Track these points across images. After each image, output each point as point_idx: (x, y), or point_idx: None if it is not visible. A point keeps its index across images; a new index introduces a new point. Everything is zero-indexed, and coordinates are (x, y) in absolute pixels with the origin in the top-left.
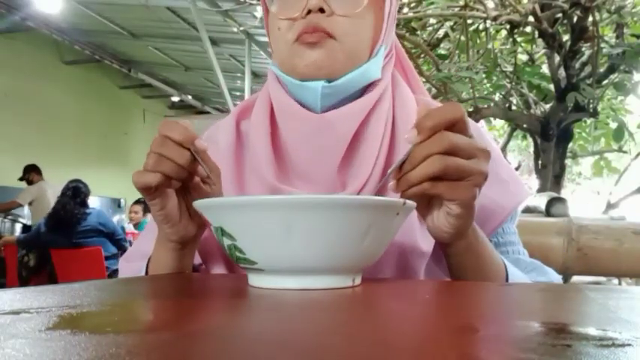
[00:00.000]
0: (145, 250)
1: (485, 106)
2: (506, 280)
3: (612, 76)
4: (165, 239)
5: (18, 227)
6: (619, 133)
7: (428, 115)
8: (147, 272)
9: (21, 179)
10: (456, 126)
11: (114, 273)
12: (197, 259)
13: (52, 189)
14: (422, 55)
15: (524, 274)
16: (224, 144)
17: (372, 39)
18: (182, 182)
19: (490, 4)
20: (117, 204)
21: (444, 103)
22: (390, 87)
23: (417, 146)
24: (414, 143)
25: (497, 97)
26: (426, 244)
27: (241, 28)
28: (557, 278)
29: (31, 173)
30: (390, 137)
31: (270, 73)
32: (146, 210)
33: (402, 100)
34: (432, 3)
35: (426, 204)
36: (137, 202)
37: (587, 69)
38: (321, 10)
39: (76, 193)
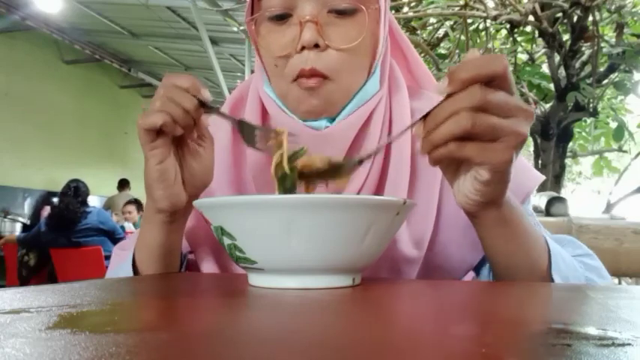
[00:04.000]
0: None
1: None
2: (549, 257)
3: (612, 76)
4: (153, 211)
5: (18, 227)
6: (619, 133)
7: (463, 65)
8: (134, 255)
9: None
10: (495, 81)
11: None
12: (186, 247)
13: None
14: (422, 55)
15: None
16: (221, 141)
17: (370, 60)
18: (184, 130)
19: (490, 4)
20: None
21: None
22: (387, 92)
23: (446, 100)
24: (442, 93)
25: None
26: (414, 250)
27: (241, 28)
28: (592, 253)
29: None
30: (385, 147)
31: (263, 90)
32: (139, 208)
33: (398, 109)
34: (432, 2)
35: (456, 167)
36: (128, 202)
37: (587, 68)
38: (316, 45)
39: (77, 192)
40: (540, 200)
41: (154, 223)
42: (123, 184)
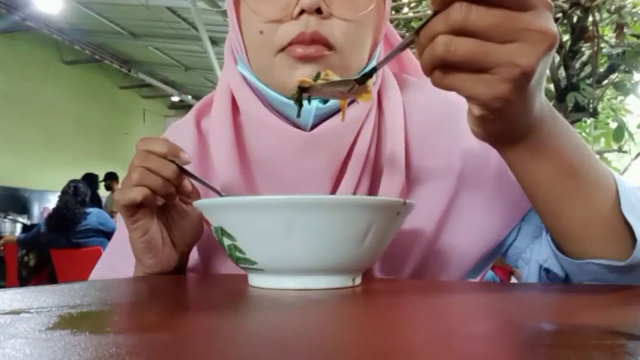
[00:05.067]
0: (120, 270)
1: None
2: (618, 195)
3: (612, 76)
4: (145, 274)
5: (18, 227)
6: (619, 133)
7: None
8: None
9: (101, 181)
10: None
11: None
12: None
13: None
14: None
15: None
16: (185, 148)
17: (372, 43)
18: (166, 199)
19: None
20: None
21: None
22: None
23: (430, 22)
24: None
25: None
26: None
27: None
28: None
29: (113, 181)
30: (375, 151)
31: (235, 74)
32: None
33: (389, 108)
34: None
35: None
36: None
37: (587, 69)
38: (318, 11)
39: (76, 193)
40: None
41: None
42: (110, 179)
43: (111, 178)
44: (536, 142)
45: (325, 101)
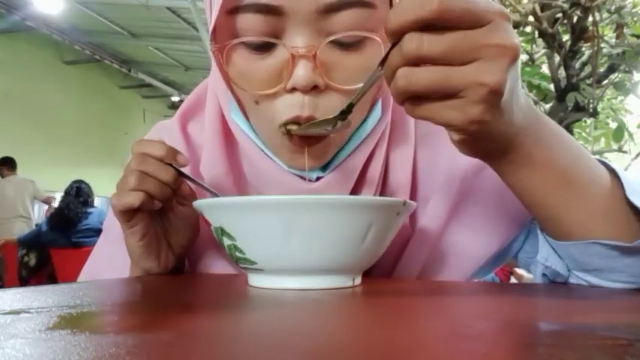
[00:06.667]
0: (108, 277)
1: None
2: (621, 184)
3: (612, 76)
4: (143, 275)
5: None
6: (619, 133)
7: (393, 10)
8: None
9: None
10: (442, 19)
11: None
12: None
13: (14, 186)
14: None
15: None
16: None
17: (376, 90)
18: (163, 203)
19: None
20: None
21: None
22: (389, 121)
23: (389, 54)
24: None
25: None
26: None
27: None
28: None
29: (3, 167)
30: (383, 183)
31: (231, 118)
32: None
33: (398, 142)
34: None
35: None
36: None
37: (587, 69)
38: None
39: (79, 193)
40: None
41: None
42: (9, 166)
43: (2, 163)
44: (523, 153)
45: (325, 167)
